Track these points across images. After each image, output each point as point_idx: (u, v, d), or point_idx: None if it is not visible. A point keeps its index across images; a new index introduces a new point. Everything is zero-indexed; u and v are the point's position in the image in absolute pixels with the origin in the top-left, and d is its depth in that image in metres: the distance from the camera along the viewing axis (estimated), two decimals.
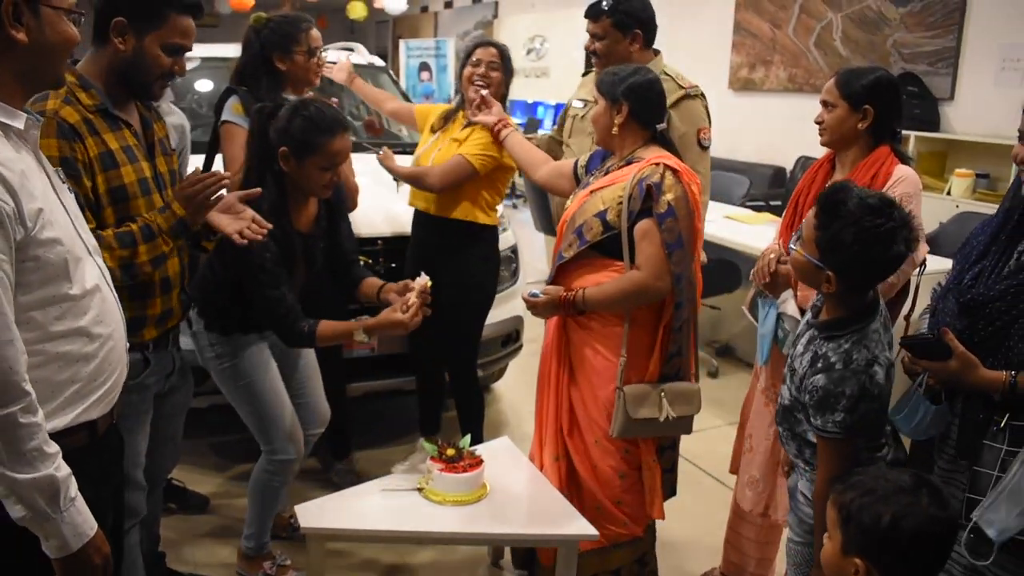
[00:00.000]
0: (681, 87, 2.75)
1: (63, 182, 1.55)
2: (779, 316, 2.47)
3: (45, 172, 1.47)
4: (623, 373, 2.29)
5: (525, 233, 3.24)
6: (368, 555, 2.92)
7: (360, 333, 2.32)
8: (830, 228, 1.71)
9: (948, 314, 1.87)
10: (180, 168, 2.54)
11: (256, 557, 2.66)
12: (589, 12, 2.87)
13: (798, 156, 6.61)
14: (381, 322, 2.32)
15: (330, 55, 3.40)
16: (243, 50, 2.91)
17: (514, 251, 3.73)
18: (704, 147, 2.76)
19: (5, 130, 1.38)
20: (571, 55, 9.55)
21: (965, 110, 5.73)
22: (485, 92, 2.96)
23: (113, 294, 1.59)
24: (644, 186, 2.21)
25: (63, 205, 1.48)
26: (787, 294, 2.48)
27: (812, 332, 1.87)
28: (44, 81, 1.49)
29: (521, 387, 4.22)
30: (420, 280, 2.39)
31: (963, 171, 5.37)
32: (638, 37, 2.83)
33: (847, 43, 6.58)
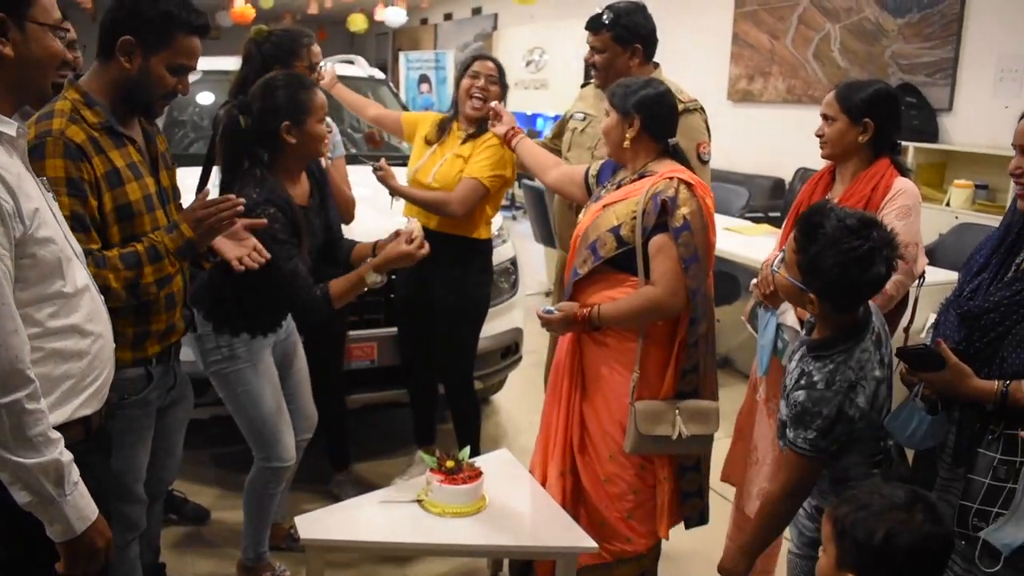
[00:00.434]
0: (680, 101, 2.72)
1: (48, 191, 1.60)
2: (779, 327, 2.47)
3: (33, 178, 1.52)
4: (635, 389, 2.28)
5: (525, 245, 3.24)
6: (368, 566, 2.91)
7: (371, 275, 2.35)
8: (808, 251, 1.72)
9: (949, 326, 1.88)
10: None
11: (255, 567, 2.66)
12: (590, 25, 2.86)
13: (797, 167, 6.63)
14: (388, 256, 2.36)
15: (328, 67, 3.38)
16: (243, 63, 2.91)
17: (513, 263, 3.74)
18: (704, 161, 2.76)
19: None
20: (570, 67, 9.58)
21: (964, 121, 5.74)
22: (496, 104, 2.93)
23: (100, 296, 1.64)
24: (659, 201, 2.20)
25: (53, 213, 1.53)
26: (787, 304, 2.48)
27: (804, 349, 1.89)
28: (31, 93, 1.54)
29: (520, 399, 4.22)
30: (412, 223, 2.47)
31: (962, 182, 5.38)
32: (638, 52, 2.84)
33: (845, 54, 6.60)
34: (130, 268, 1.87)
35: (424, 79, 10.20)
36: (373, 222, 3.38)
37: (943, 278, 3.90)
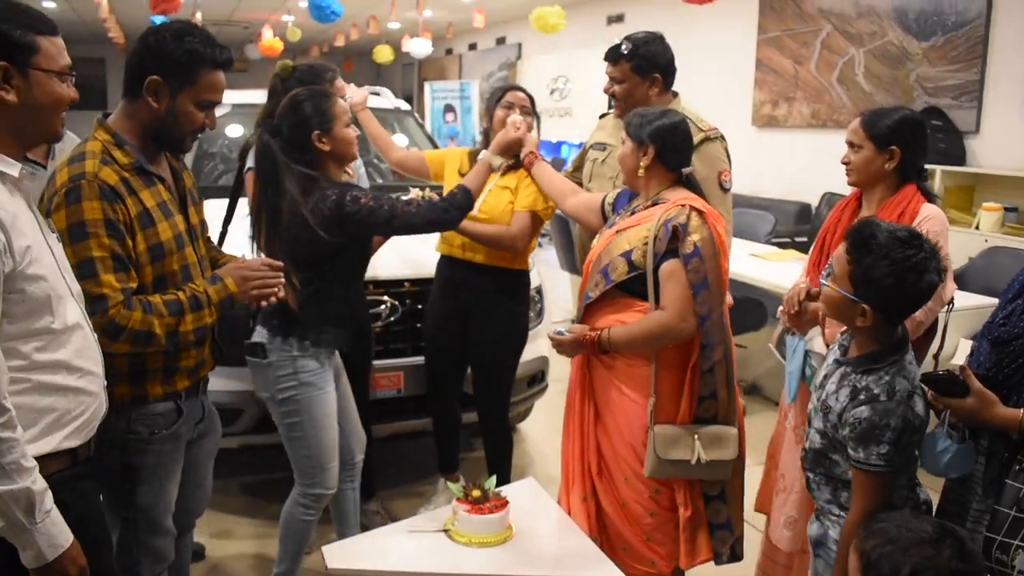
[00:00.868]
0: (701, 130, 2.73)
1: (52, 232, 1.66)
2: (807, 353, 2.46)
3: (35, 218, 1.58)
4: (653, 413, 2.28)
5: (550, 272, 3.25)
6: None
7: (495, 159, 2.71)
8: (863, 262, 1.73)
9: (983, 353, 1.86)
10: None
11: None
12: (608, 55, 2.87)
13: (823, 192, 6.61)
14: (501, 143, 2.75)
15: (361, 91, 3.37)
16: (268, 97, 2.97)
17: (539, 291, 3.74)
18: (725, 189, 2.76)
19: (1, 178, 1.50)
20: (594, 95, 9.59)
21: (991, 143, 5.71)
22: (518, 119, 2.90)
23: (92, 334, 1.69)
24: (670, 227, 2.22)
25: (50, 248, 1.59)
26: (814, 331, 2.46)
27: (844, 369, 1.87)
28: (38, 136, 1.62)
29: (547, 427, 4.21)
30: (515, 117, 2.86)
31: (991, 205, 5.34)
32: (657, 81, 2.84)
33: (870, 78, 6.59)
34: (173, 315, 1.92)
35: (449, 108, 10.29)
36: (400, 252, 3.42)
37: (974, 303, 3.86)
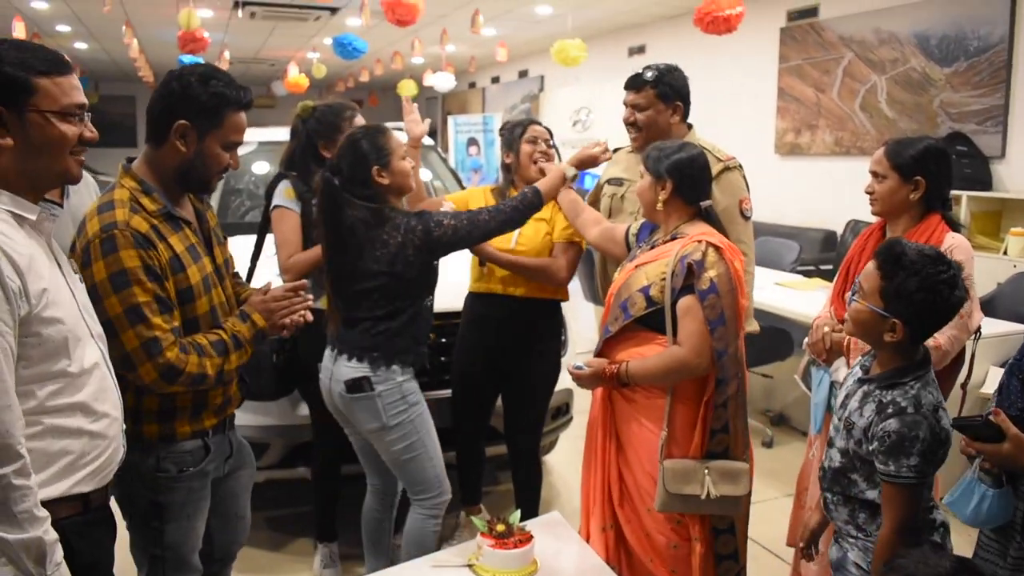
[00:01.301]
0: (719, 160, 2.74)
1: (75, 272, 1.68)
2: (832, 384, 2.44)
3: (55, 260, 1.59)
4: (664, 447, 2.28)
5: (574, 302, 3.25)
6: None
7: (570, 170, 2.77)
8: (895, 278, 1.77)
9: (1013, 391, 1.83)
10: None
11: None
12: (632, 83, 2.87)
13: (848, 220, 6.57)
14: (581, 156, 2.83)
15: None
16: (291, 137, 3.05)
17: (562, 323, 3.74)
18: (747, 217, 2.76)
19: (20, 220, 1.51)
20: (616, 126, 9.64)
21: (1018, 167, 5.66)
22: (603, 144, 2.93)
23: (112, 377, 1.68)
24: (686, 263, 2.23)
25: (71, 290, 1.59)
26: (839, 362, 2.45)
27: (867, 387, 1.87)
28: (49, 178, 1.58)
29: (572, 460, 4.18)
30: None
31: (1019, 230, 5.28)
32: (679, 109, 2.86)
33: (893, 105, 6.57)
34: (220, 355, 1.98)
35: (472, 142, 10.37)
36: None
37: (1003, 329, 3.82)
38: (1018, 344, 1.94)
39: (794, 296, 4.54)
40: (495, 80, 14.66)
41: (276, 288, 2.18)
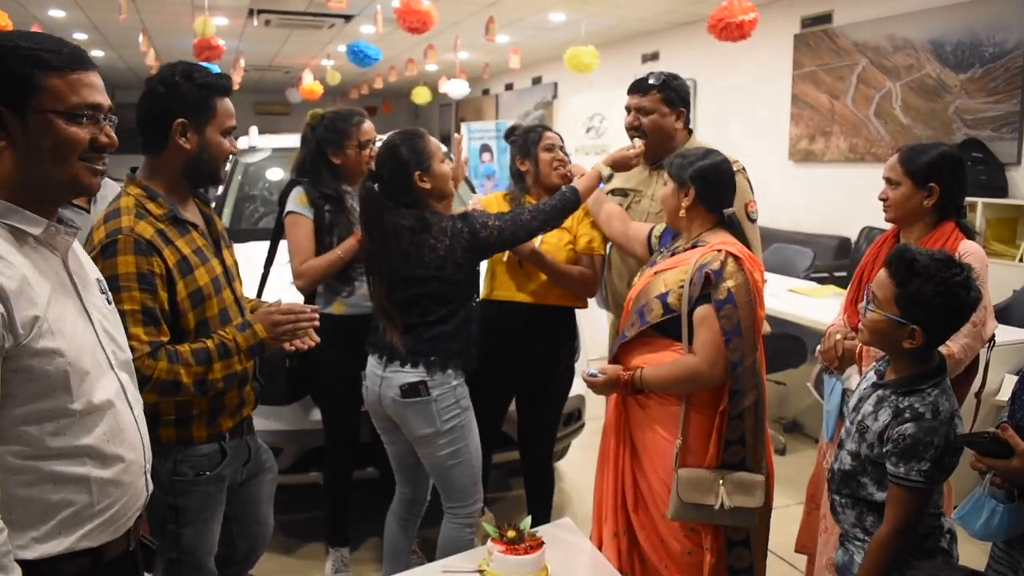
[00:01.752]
0: None
1: (103, 292, 1.52)
2: (844, 392, 2.43)
3: (71, 280, 1.42)
4: (679, 456, 2.27)
5: (589, 309, 3.25)
6: None
7: (605, 170, 2.76)
8: (911, 284, 1.78)
9: None
10: None
11: None
12: (637, 87, 2.87)
13: (862, 226, 6.54)
14: (615, 157, 2.81)
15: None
16: (301, 145, 3.08)
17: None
18: (753, 220, 2.75)
19: (20, 236, 1.34)
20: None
21: None
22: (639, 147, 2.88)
23: (133, 413, 1.51)
24: (704, 272, 2.22)
25: (87, 316, 1.43)
26: (851, 370, 2.44)
27: (882, 392, 1.87)
28: (53, 187, 1.39)
29: (584, 466, 4.18)
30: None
31: None
32: (682, 115, 2.86)
33: (908, 111, 6.55)
34: (200, 364, 1.93)
35: (486, 148, 10.37)
36: None
37: (1018, 337, 3.78)
38: None
39: (807, 303, 4.52)
40: (509, 87, 14.69)
41: (287, 304, 2.13)
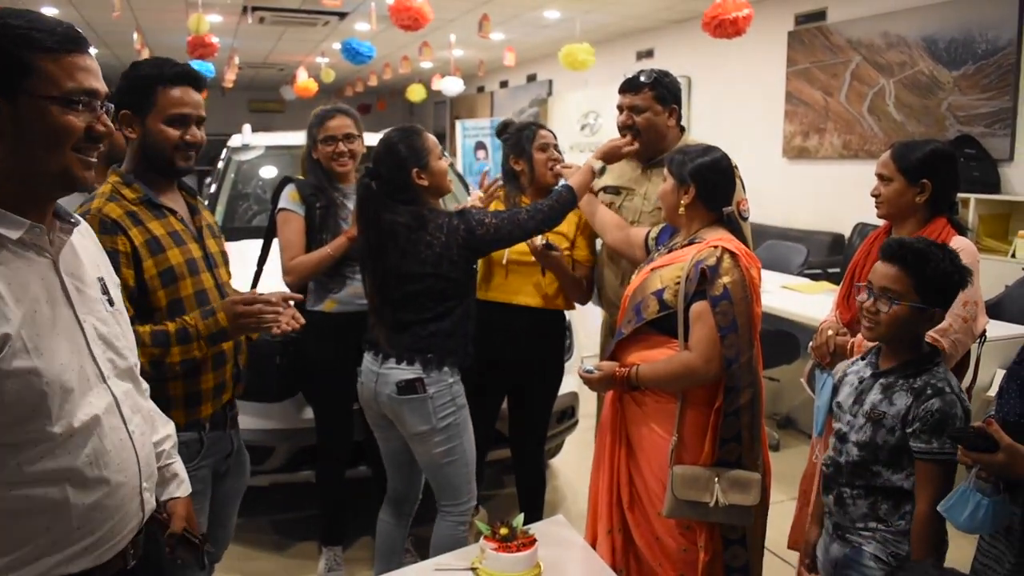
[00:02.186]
0: None
1: (104, 293, 1.41)
2: (835, 387, 2.43)
3: (62, 284, 1.30)
4: (674, 452, 2.27)
5: (584, 307, 3.25)
6: None
7: (597, 163, 2.75)
8: (926, 269, 1.87)
9: (1012, 396, 1.82)
10: None
11: None
12: (629, 86, 2.86)
13: (856, 222, 6.55)
14: (605, 149, 2.80)
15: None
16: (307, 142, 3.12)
17: (568, 328, 3.73)
18: (744, 218, 2.74)
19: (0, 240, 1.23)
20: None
21: None
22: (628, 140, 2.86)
23: (128, 427, 1.38)
24: (699, 269, 2.22)
25: (79, 326, 1.31)
26: (843, 365, 2.44)
27: (887, 380, 1.94)
28: (42, 180, 1.26)
29: (578, 464, 4.19)
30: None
31: None
32: (674, 112, 2.86)
33: (901, 108, 6.56)
34: (157, 346, 1.93)
35: (480, 146, 10.38)
36: None
37: (1011, 332, 3.79)
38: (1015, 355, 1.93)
39: (801, 299, 4.53)
40: (504, 84, 14.67)
41: (253, 294, 2.09)
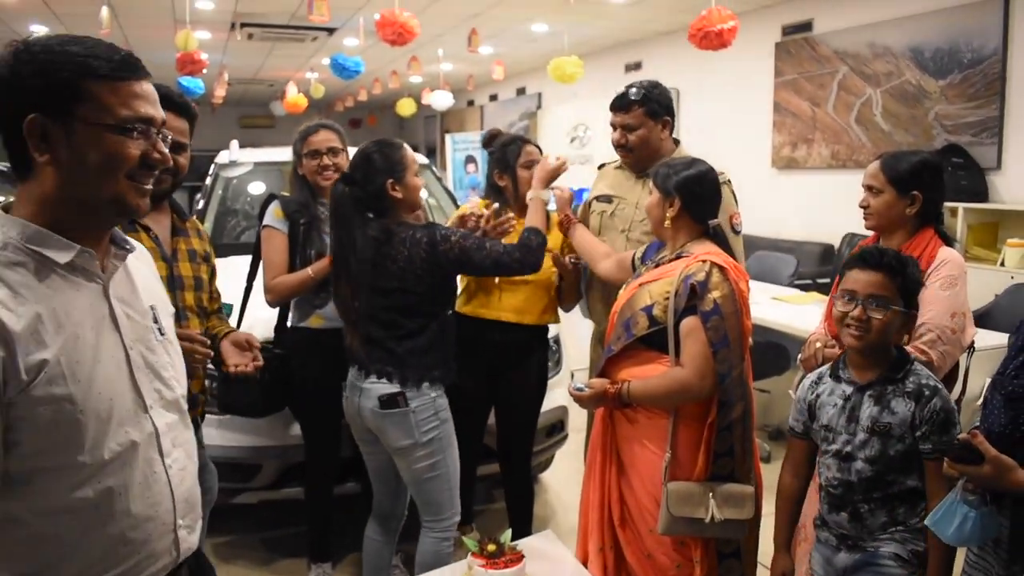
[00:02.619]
0: None
1: (155, 322, 1.37)
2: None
3: (111, 311, 1.29)
4: (668, 469, 2.24)
5: (572, 319, 3.25)
6: None
7: (543, 193, 2.72)
8: (904, 275, 1.92)
9: (995, 407, 1.81)
10: None
11: None
12: (620, 104, 2.84)
13: (845, 233, 6.56)
14: (542, 177, 2.74)
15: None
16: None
17: (556, 341, 3.73)
18: (737, 232, 2.75)
19: (48, 264, 1.21)
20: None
21: (1014, 179, 5.65)
22: (563, 160, 2.85)
23: (165, 461, 1.34)
24: (689, 284, 2.20)
25: (125, 352, 1.29)
26: (807, 383, 2.43)
27: (875, 390, 1.94)
28: (96, 208, 1.26)
29: (568, 478, 4.17)
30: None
31: (1015, 241, 5.27)
32: (668, 124, 2.85)
33: (888, 118, 6.58)
34: None
35: (470, 159, 10.40)
36: None
37: (999, 342, 3.79)
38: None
39: (791, 311, 4.52)
40: (493, 98, 14.71)
41: (187, 332, 2.06)
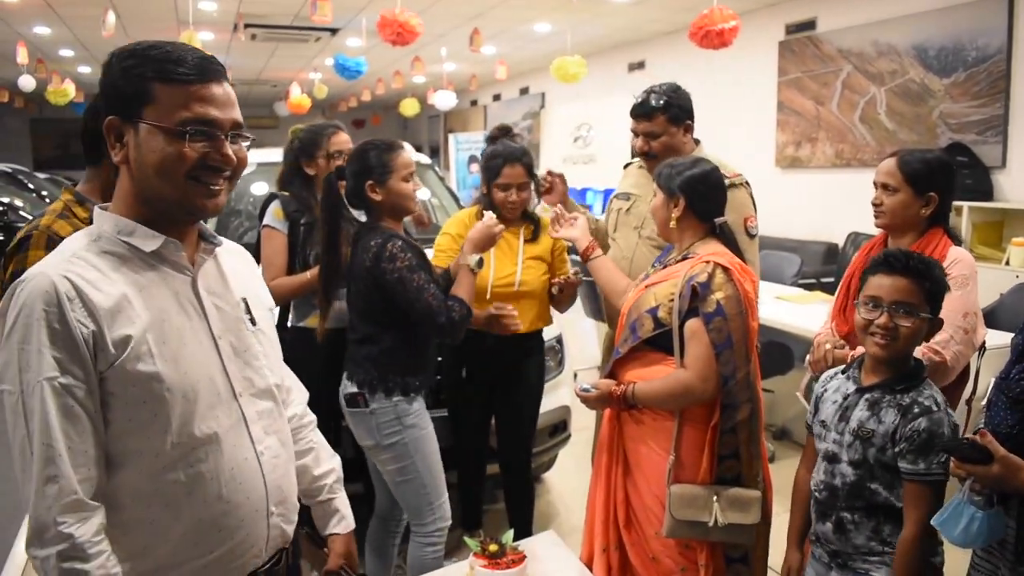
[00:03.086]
0: (725, 176, 2.70)
1: (245, 314, 1.44)
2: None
3: (198, 300, 1.36)
4: (672, 471, 2.23)
5: (575, 319, 3.24)
6: None
7: (470, 259, 2.53)
8: (930, 281, 1.86)
9: (1000, 409, 1.80)
10: None
11: None
12: (641, 111, 2.78)
13: (849, 231, 6.54)
14: (477, 242, 2.55)
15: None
16: (283, 158, 3.12)
17: (559, 341, 3.72)
18: (752, 235, 2.70)
19: (136, 253, 1.30)
20: (617, 142, 9.68)
21: (1019, 177, 5.64)
22: (560, 209, 2.81)
23: (256, 448, 1.40)
24: (691, 286, 2.18)
25: (213, 340, 1.36)
26: (825, 378, 2.42)
27: (872, 395, 1.89)
28: (164, 205, 1.31)
29: (571, 477, 4.16)
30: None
31: (1021, 240, 5.25)
32: (690, 127, 2.82)
33: (892, 116, 6.56)
34: None
35: (473, 159, 10.40)
36: None
37: (1006, 341, 3.77)
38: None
39: (795, 310, 4.50)
40: (496, 98, 14.70)
41: None
